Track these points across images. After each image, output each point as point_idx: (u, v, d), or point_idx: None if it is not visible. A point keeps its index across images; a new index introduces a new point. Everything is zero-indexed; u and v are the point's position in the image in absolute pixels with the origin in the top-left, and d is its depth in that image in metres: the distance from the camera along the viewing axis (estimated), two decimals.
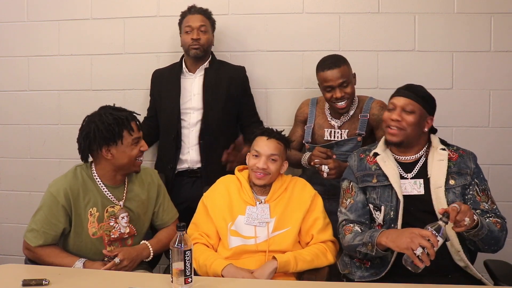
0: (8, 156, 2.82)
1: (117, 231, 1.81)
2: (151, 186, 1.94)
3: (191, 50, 2.33)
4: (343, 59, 2.15)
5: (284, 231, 1.83)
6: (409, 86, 1.79)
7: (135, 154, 1.80)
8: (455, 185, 1.71)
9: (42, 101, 2.75)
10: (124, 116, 1.77)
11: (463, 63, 2.50)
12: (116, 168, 1.80)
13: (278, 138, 1.91)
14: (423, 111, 1.74)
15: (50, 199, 1.75)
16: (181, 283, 1.45)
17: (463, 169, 1.73)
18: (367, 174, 1.81)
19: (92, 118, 1.77)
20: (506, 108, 2.50)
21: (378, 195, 1.76)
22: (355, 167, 1.85)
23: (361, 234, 1.70)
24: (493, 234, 1.59)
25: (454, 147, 1.80)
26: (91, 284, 1.55)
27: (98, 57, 2.70)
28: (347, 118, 2.21)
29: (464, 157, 1.76)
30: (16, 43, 2.75)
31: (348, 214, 1.79)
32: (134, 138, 1.78)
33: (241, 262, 1.77)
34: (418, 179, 1.75)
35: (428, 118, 1.76)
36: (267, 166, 1.86)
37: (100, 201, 1.79)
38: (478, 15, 2.48)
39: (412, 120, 1.72)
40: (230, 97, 2.37)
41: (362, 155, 1.87)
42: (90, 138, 1.74)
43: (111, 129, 1.73)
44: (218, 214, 1.87)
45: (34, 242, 1.74)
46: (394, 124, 1.73)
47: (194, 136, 2.35)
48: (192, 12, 2.37)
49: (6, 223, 2.85)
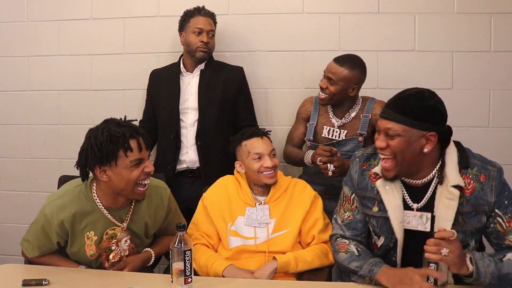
0: (8, 156, 2.82)
1: (118, 255, 1.71)
2: (159, 209, 1.77)
3: (199, 52, 2.33)
4: (354, 66, 2.11)
5: (284, 232, 1.83)
6: (395, 101, 1.46)
7: (134, 177, 1.57)
8: (465, 227, 1.45)
9: (42, 101, 2.75)
10: (121, 133, 1.55)
11: (463, 63, 2.50)
12: (115, 191, 1.62)
13: (266, 134, 1.95)
14: (413, 130, 1.41)
15: (45, 221, 1.64)
16: (181, 283, 1.45)
17: (479, 206, 1.44)
18: (367, 198, 1.58)
19: (90, 133, 1.59)
20: (506, 108, 2.50)
21: (378, 224, 1.57)
22: (355, 180, 1.62)
23: (357, 259, 1.53)
24: (510, 277, 1.36)
25: (475, 167, 1.46)
26: (91, 284, 1.55)
27: (98, 57, 2.70)
28: (349, 119, 2.21)
29: (484, 187, 1.44)
30: (16, 43, 2.75)
31: (344, 229, 1.63)
32: (132, 160, 1.56)
33: (241, 262, 1.77)
34: (426, 213, 1.48)
35: (427, 136, 1.42)
36: (274, 163, 1.87)
37: (99, 225, 1.66)
38: (478, 15, 2.48)
39: (397, 145, 1.42)
40: (226, 99, 2.36)
41: (365, 165, 1.61)
42: (83, 155, 1.58)
43: (103, 148, 1.53)
44: (218, 214, 1.87)
45: (30, 253, 1.71)
46: (381, 152, 1.48)
47: (192, 137, 2.35)
48: (203, 14, 2.36)
49: (6, 223, 2.85)
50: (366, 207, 1.59)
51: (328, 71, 2.13)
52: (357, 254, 1.55)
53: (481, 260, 1.36)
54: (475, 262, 1.35)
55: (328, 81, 2.13)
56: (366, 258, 1.52)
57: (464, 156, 1.48)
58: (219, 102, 2.35)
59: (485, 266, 1.35)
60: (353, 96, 2.17)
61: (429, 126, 1.42)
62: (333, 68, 2.11)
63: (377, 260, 1.50)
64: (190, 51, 2.36)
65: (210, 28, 2.34)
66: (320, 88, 2.17)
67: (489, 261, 1.36)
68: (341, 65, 2.10)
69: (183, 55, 2.44)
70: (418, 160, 1.45)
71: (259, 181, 1.89)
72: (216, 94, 2.35)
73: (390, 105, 1.46)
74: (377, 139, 1.48)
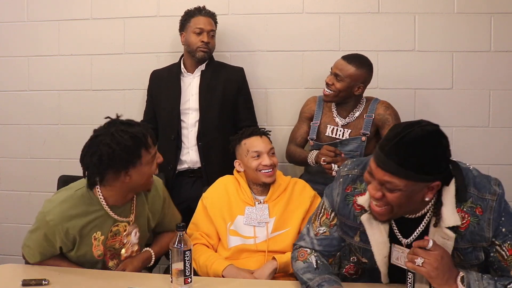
0: (8, 156, 2.82)
1: (129, 249, 1.70)
2: (155, 199, 1.78)
3: (199, 52, 2.33)
4: (361, 64, 2.13)
5: (283, 231, 1.83)
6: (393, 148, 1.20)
7: (153, 170, 1.63)
8: (462, 264, 1.31)
9: (42, 101, 2.75)
10: (140, 132, 1.55)
11: (463, 63, 2.50)
12: (131, 189, 1.63)
13: (265, 134, 1.97)
14: (416, 184, 1.20)
15: (46, 228, 1.59)
16: (180, 283, 1.45)
17: (475, 242, 1.28)
18: (349, 226, 1.41)
19: (103, 139, 1.51)
20: (506, 108, 2.50)
21: (361, 251, 1.43)
22: (336, 204, 1.44)
23: (313, 271, 1.41)
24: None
25: (470, 198, 1.27)
26: (91, 284, 1.55)
27: (98, 57, 2.70)
28: (353, 118, 2.22)
29: (480, 222, 1.26)
30: (16, 43, 2.75)
31: (315, 243, 1.49)
32: (152, 155, 1.60)
33: (240, 262, 1.77)
34: None
35: (430, 185, 1.22)
36: (272, 161, 1.89)
37: (105, 224, 1.65)
38: (478, 15, 2.48)
39: (396, 199, 1.22)
40: (226, 99, 2.36)
41: (349, 189, 1.41)
42: (104, 162, 1.50)
43: (130, 151, 1.51)
44: (218, 214, 1.87)
45: (31, 259, 1.68)
46: (374, 198, 1.27)
47: (193, 137, 2.35)
48: (204, 14, 2.36)
49: (6, 223, 2.85)
50: (346, 235, 1.44)
51: (336, 67, 2.15)
52: (315, 266, 1.43)
53: (476, 282, 1.24)
54: (467, 283, 1.23)
55: (334, 77, 2.14)
56: (322, 273, 1.40)
57: (462, 189, 1.28)
58: (219, 103, 2.35)
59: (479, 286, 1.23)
60: (357, 95, 2.18)
61: (434, 177, 1.21)
62: (341, 65, 2.13)
63: (332, 278, 1.37)
64: (190, 51, 2.35)
65: (210, 28, 2.34)
66: (326, 84, 2.18)
67: (487, 284, 1.24)
68: (349, 63, 2.12)
69: (183, 55, 2.44)
70: (418, 205, 1.29)
71: (258, 179, 1.89)
72: (217, 95, 2.35)
73: (388, 153, 1.20)
74: (369, 184, 1.27)
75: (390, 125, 2.15)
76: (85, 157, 1.54)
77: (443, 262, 1.23)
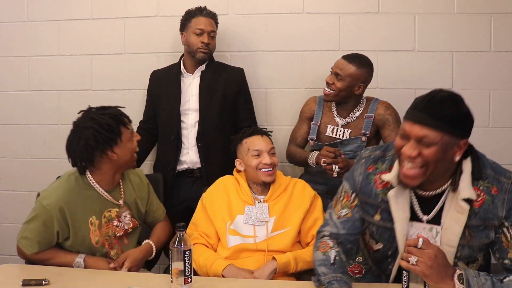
0: (8, 156, 2.82)
1: (122, 229, 1.77)
2: (140, 186, 1.90)
3: (199, 53, 2.32)
4: (362, 64, 2.14)
5: (283, 231, 1.83)
6: (429, 104, 1.28)
7: (135, 145, 1.77)
8: (472, 242, 1.35)
9: (42, 101, 2.75)
10: (116, 111, 1.72)
11: (463, 63, 2.50)
12: (118, 167, 1.75)
13: (266, 133, 1.98)
14: (450, 138, 1.26)
15: (44, 213, 1.66)
16: (180, 283, 1.45)
17: (488, 220, 1.32)
18: (370, 204, 1.46)
19: (85, 124, 1.66)
20: (506, 108, 2.50)
21: (378, 232, 1.46)
22: (358, 183, 1.48)
23: (328, 266, 1.43)
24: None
25: (486, 179, 1.33)
26: (91, 284, 1.55)
27: (98, 57, 2.70)
28: (353, 118, 2.22)
29: (495, 200, 1.31)
30: (16, 43, 2.75)
31: (339, 227, 1.51)
32: (130, 131, 1.75)
33: (240, 261, 1.77)
34: (436, 226, 1.37)
35: (459, 143, 1.29)
36: (272, 160, 1.90)
37: (98, 208, 1.73)
38: (478, 15, 2.48)
39: (433, 154, 1.26)
40: (226, 100, 2.36)
41: (371, 168, 1.46)
42: (91, 145, 1.64)
43: (111, 129, 1.66)
44: (217, 214, 1.87)
45: (29, 250, 1.70)
46: (410, 160, 1.29)
47: (193, 137, 2.35)
48: (205, 14, 2.35)
49: (6, 223, 2.85)
50: (367, 214, 1.47)
51: (336, 66, 2.15)
52: (332, 262, 1.44)
53: (474, 278, 1.26)
54: (466, 279, 1.25)
55: (335, 76, 2.14)
56: (336, 271, 1.41)
57: (478, 167, 1.35)
58: (219, 103, 2.35)
59: (479, 284, 1.25)
60: (358, 95, 2.18)
61: (463, 133, 1.30)
62: (342, 64, 2.14)
63: (344, 279, 1.39)
64: (190, 51, 2.35)
65: (211, 29, 2.34)
66: (326, 84, 2.18)
67: (485, 280, 1.26)
68: (350, 62, 2.13)
69: (183, 56, 2.44)
70: (446, 168, 1.32)
71: (258, 178, 1.90)
72: (217, 96, 2.35)
73: (423, 109, 1.27)
74: (403, 146, 1.30)
75: (390, 125, 2.16)
76: (71, 146, 1.69)
77: (437, 260, 1.24)
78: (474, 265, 1.43)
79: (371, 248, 1.55)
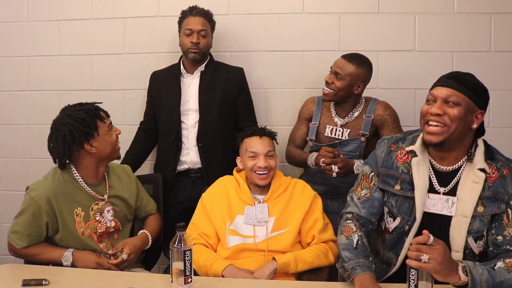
0: (8, 156, 2.82)
1: (103, 225, 1.80)
2: (129, 182, 1.94)
3: (190, 53, 2.32)
4: (361, 63, 2.14)
5: (283, 231, 1.83)
6: (453, 74, 1.50)
7: (114, 139, 1.81)
8: (483, 213, 1.45)
9: (42, 101, 2.75)
10: (92, 106, 1.78)
11: (463, 63, 2.50)
12: (100, 160, 1.79)
13: (268, 134, 1.95)
14: (471, 103, 1.44)
15: (32, 204, 1.71)
16: (180, 283, 1.45)
17: (499, 195, 1.45)
18: (390, 175, 1.58)
19: (61, 121, 1.73)
20: (506, 108, 2.50)
21: (397, 204, 1.56)
22: (380, 159, 1.61)
23: (352, 251, 1.51)
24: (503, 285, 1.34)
25: (499, 162, 1.50)
26: (91, 284, 1.55)
27: (98, 57, 2.70)
28: (352, 118, 2.21)
29: (506, 179, 1.46)
30: (16, 43, 2.75)
31: (359, 206, 1.62)
32: (108, 124, 1.79)
33: (240, 262, 1.77)
34: (452, 197, 1.48)
35: (477, 113, 1.46)
36: (268, 164, 1.87)
37: (84, 201, 1.78)
38: (478, 15, 2.48)
39: (456, 114, 1.42)
40: (226, 99, 2.36)
41: (393, 146, 1.61)
42: (67, 140, 1.70)
43: (86, 123, 1.72)
44: (217, 214, 1.87)
45: (19, 244, 1.72)
46: (435, 119, 1.44)
47: (193, 138, 2.35)
48: (194, 14, 2.34)
49: (6, 223, 2.85)
50: (387, 184, 1.58)
51: (336, 66, 2.15)
52: (355, 246, 1.53)
53: (474, 269, 1.34)
54: (470, 271, 1.32)
55: (334, 76, 2.14)
56: (358, 255, 1.50)
57: (490, 148, 1.53)
58: (219, 103, 2.34)
59: (478, 274, 1.33)
60: (357, 95, 2.18)
61: (481, 104, 1.46)
62: (341, 63, 2.14)
63: (366, 264, 1.47)
64: (183, 52, 2.36)
65: (200, 28, 2.31)
66: (326, 83, 2.18)
67: (482, 270, 1.34)
68: (349, 61, 2.13)
69: (182, 56, 2.44)
70: (463, 136, 1.47)
71: (252, 180, 1.90)
72: (217, 96, 2.35)
73: (449, 77, 1.48)
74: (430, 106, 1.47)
75: (389, 125, 2.15)
76: (51, 144, 1.75)
77: (446, 255, 1.30)
78: (480, 243, 1.48)
79: (387, 231, 1.61)
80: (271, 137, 1.96)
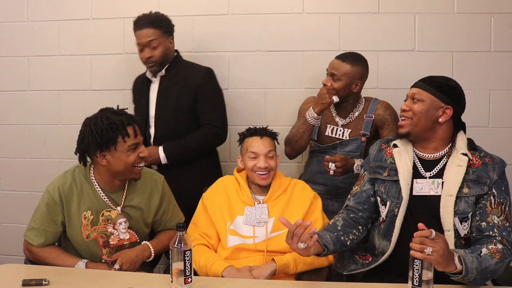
0: (8, 156, 2.83)
1: (116, 237, 1.76)
2: (153, 194, 1.84)
3: (149, 68, 2.29)
4: (356, 61, 2.12)
5: (283, 232, 1.82)
6: (426, 77, 1.70)
7: (131, 160, 1.70)
8: (468, 193, 1.58)
9: (42, 101, 2.76)
10: (119, 120, 1.68)
11: (463, 63, 2.50)
12: (113, 174, 1.74)
13: (269, 135, 1.94)
14: (434, 99, 1.62)
15: (47, 197, 1.74)
16: (181, 283, 1.45)
17: (482, 178, 1.59)
18: (380, 166, 1.75)
19: (89, 121, 1.70)
20: (506, 108, 2.51)
21: (386, 189, 1.70)
22: (372, 156, 1.80)
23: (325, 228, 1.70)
24: (488, 270, 1.45)
25: (482, 152, 1.65)
26: (91, 284, 1.55)
27: (98, 57, 2.70)
28: (352, 118, 2.21)
29: (488, 166, 1.61)
30: (16, 43, 2.75)
31: (350, 199, 1.79)
32: (129, 144, 1.69)
33: (239, 262, 1.77)
34: (437, 179, 1.63)
35: (444, 108, 1.62)
36: (268, 164, 1.87)
37: (95, 205, 1.74)
38: (478, 15, 2.48)
39: (418, 108, 1.63)
40: (180, 108, 2.26)
41: (384, 145, 1.80)
42: (84, 142, 1.69)
43: (104, 135, 1.65)
44: (218, 214, 1.87)
45: (35, 241, 1.73)
46: (402, 114, 1.69)
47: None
48: (139, 26, 2.23)
49: (6, 223, 2.86)
50: (377, 173, 1.75)
51: (331, 67, 2.14)
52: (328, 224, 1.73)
53: (466, 257, 1.43)
54: (463, 259, 1.41)
55: (331, 78, 2.13)
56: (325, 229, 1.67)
57: (472, 143, 1.67)
58: (172, 110, 2.27)
59: (469, 262, 1.43)
60: (356, 93, 2.17)
61: (448, 100, 1.63)
62: (336, 64, 2.12)
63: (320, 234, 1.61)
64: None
65: (148, 40, 2.21)
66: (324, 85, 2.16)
67: (472, 258, 1.44)
68: (344, 61, 2.11)
69: None
70: (432, 127, 1.64)
71: (253, 179, 1.90)
72: (171, 102, 2.27)
73: (421, 79, 1.70)
74: None
75: (390, 125, 2.15)
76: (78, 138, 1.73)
77: (446, 248, 1.37)
78: (465, 225, 1.59)
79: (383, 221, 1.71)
80: (272, 138, 1.95)
